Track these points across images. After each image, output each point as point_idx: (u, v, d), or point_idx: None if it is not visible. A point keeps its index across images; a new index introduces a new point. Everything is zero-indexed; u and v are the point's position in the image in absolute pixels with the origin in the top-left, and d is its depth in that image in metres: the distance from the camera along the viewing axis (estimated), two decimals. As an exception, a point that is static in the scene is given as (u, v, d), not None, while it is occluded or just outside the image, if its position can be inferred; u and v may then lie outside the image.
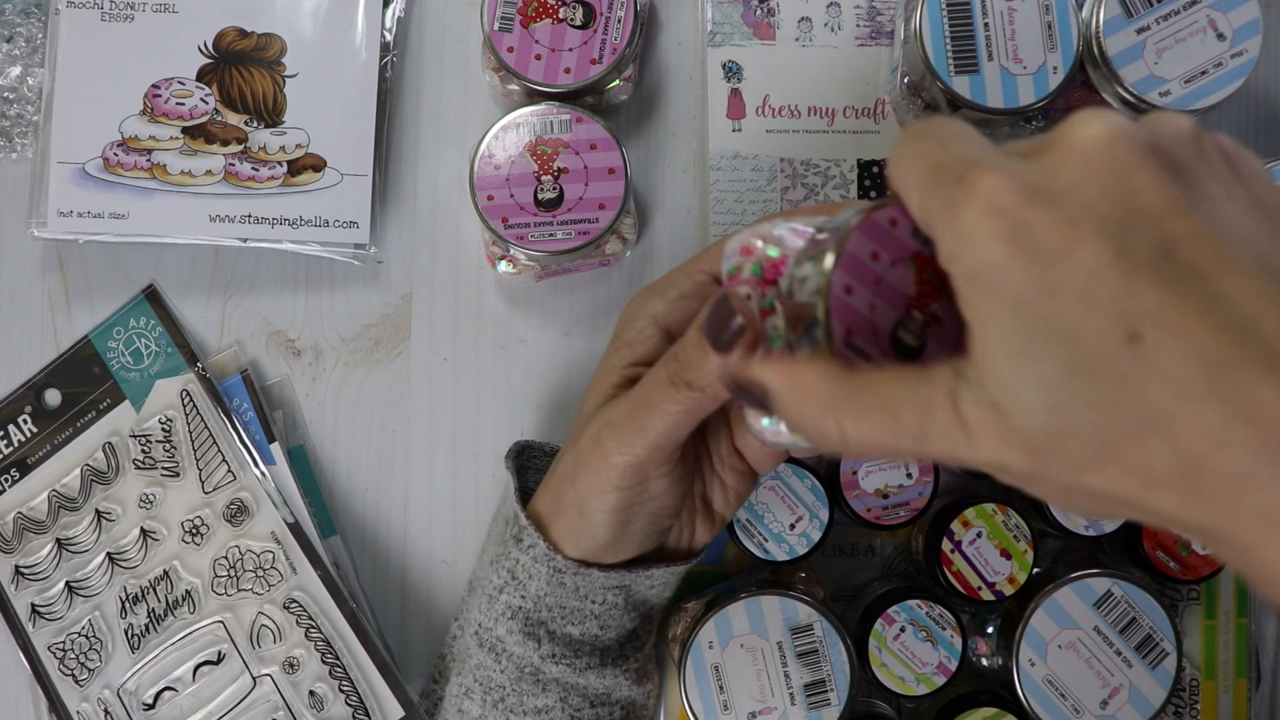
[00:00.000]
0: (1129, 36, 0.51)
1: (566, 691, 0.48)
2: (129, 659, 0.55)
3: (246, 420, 0.56)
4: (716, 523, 0.48)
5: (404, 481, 0.58)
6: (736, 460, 0.47)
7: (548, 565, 0.46)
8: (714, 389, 0.39)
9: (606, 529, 0.44)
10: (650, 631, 0.51)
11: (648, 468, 0.42)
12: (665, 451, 0.42)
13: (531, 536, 0.46)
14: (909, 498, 0.52)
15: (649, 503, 0.44)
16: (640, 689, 0.50)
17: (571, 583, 0.46)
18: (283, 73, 0.57)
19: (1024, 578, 0.52)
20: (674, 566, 0.48)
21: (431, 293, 0.58)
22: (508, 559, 0.48)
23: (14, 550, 0.55)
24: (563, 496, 0.45)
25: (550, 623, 0.47)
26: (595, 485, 0.43)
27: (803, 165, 0.58)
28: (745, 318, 0.37)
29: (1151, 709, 0.51)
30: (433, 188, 0.59)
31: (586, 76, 0.53)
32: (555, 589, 0.46)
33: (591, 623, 0.47)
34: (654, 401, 0.41)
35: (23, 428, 0.56)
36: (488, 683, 0.49)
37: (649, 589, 0.48)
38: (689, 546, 0.49)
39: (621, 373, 0.45)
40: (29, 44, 0.58)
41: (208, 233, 0.56)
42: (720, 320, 0.37)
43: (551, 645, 0.47)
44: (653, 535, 0.46)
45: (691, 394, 0.40)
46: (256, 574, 0.55)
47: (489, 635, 0.49)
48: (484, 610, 0.49)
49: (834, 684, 0.50)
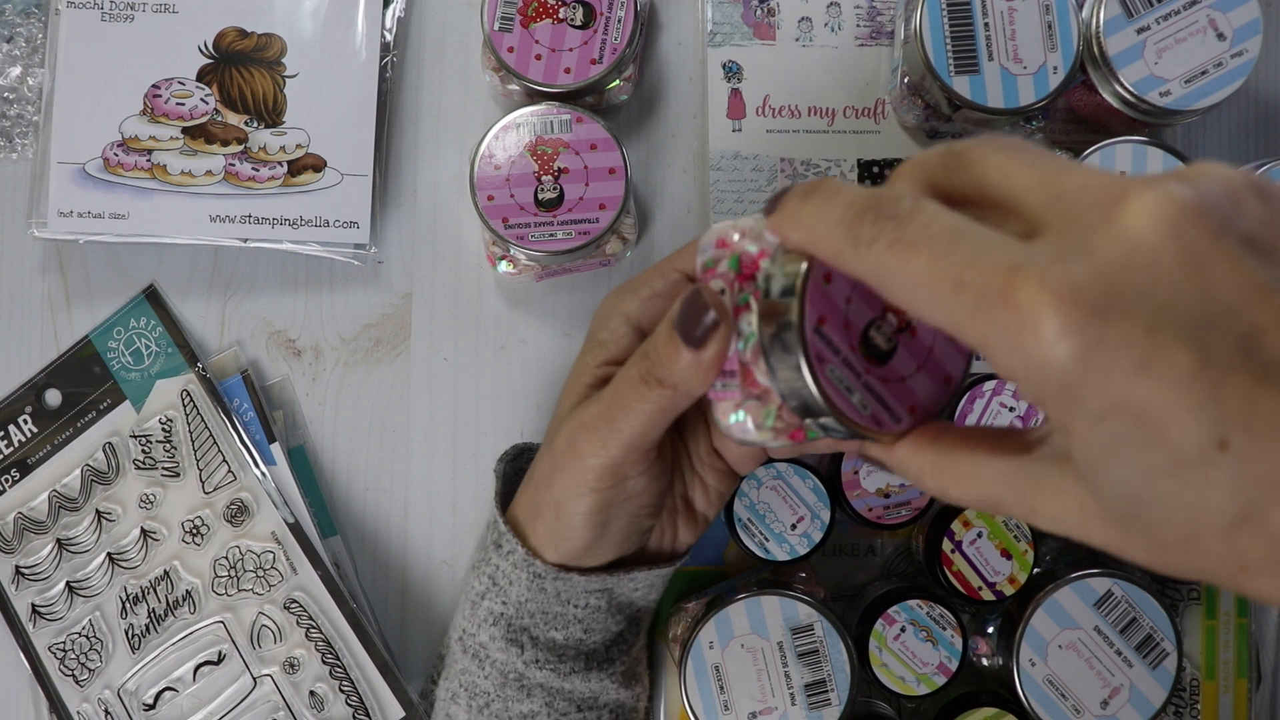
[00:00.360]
0: (1129, 36, 0.51)
1: (552, 696, 0.48)
2: (129, 659, 0.54)
3: (246, 420, 0.56)
4: (699, 523, 0.48)
5: (404, 481, 0.58)
6: (715, 460, 0.46)
7: (527, 571, 0.46)
8: (686, 386, 0.38)
9: (585, 531, 0.44)
10: (638, 634, 0.51)
11: (624, 468, 0.42)
12: (641, 451, 0.41)
13: (510, 542, 0.46)
14: (910, 497, 0.52)
15: (627, 503, 0.44)
16: (629, 691, 0.50)
17: (552, 588, 0.46)
18: (283, 73, 0.57)
19: (1024, 578, 0.52)
20: (657, 569, 0.47)
21: (431, 293, 0.58)
22: (488, 564, 0.48)
23: (14, 550, 0.55)
24: (540, 500, 0.45)
25: (533, 628, 0.47)
26: (572, 488, 0.43)
27: (803, 165, 0.58)
28: (718, 311, 0.36)
29: (1152, 709, 0.51)
30: (433, 188, 0.59)
31: (586, 76, 0.53)
32: (536, 594, 0.46)
33: (575, 627, 0.47)
34: (627, 401, 0.40)
35: (23, 428, 0.56)
36: (473, 688, 0.49)
37: (633, 591, 0.48)
38: (672, 548, 0.48)
39: (595, 372, 0.44)
40: (29, 44, 0.58)
41: (208, 233, 0.56)
42: (693, 315, 0.37)
43: (535, 651, 0.47)
44: (633, 537, 0.46)
45: (664, 391, 0.39)
46: (257, 574, 0.55)
47: (472, 641, 0.49)
48: (467, 616, 0.49)
49: (834, 684, 0.50)
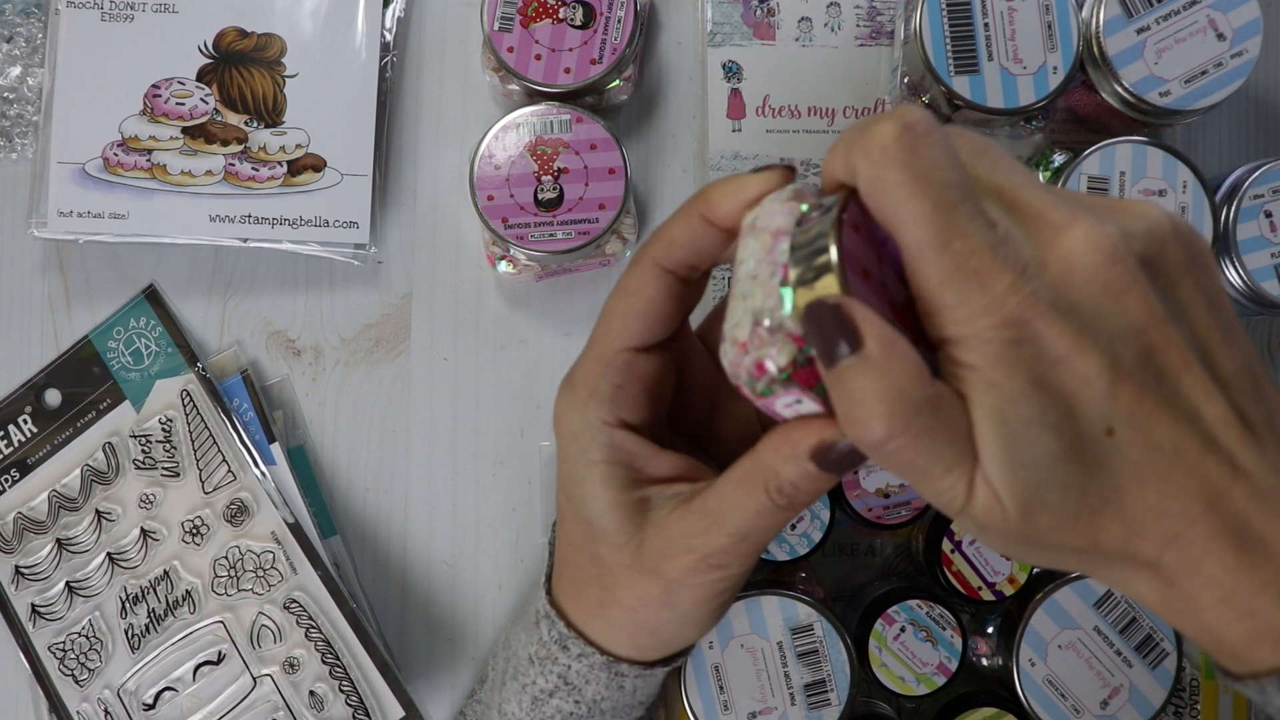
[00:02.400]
0: (1129, 36, 0.51)
1: None
2: (129, 659, 0.55)
3: (246, 420, 0.56)
4: None
5: (404, 481, 0.58)
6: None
7: (608, 671, 0.43)
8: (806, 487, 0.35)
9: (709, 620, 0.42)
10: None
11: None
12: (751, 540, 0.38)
13: (580, 645, 0.43)
14: (910, 497, 0.52)
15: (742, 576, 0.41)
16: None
17: (631, 685, 0.44)
18: (283, 73, 0.57)
19: (1024, 578, 0.52)
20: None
21: (431, 293, 0.58)
22: (554, 663, 0.44)
23: (14, 550, 0.55)
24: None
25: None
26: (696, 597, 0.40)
27: (803, 165, 0.58)
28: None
29: (1151, 709, 0.51)
30: (433, 188, 0.59)
31: (586, 76, 0.53)
32: (614, 693, 0.44)
33: (638, 710, 0.46)
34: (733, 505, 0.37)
35: (23, 428, 0.56)
36: None
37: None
38: None
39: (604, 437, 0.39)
40: (29, 44, 0.58)
41: (208, 233, 0.56)
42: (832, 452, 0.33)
43: None
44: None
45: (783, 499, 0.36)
46: (256, 574, 0.55)
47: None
48: (526, 709, 0.46)
49: (834, 684, 0.50)
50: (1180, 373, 0.29)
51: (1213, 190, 0.53)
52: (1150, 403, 0.29)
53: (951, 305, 0.29)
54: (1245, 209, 0.53)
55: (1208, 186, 0.52)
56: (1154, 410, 0.29)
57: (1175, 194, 0.52)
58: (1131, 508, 0.29)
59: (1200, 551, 0.29)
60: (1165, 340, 0.29)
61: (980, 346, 0.29)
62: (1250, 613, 0.30)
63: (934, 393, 0.29)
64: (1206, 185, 0.52)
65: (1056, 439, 0.29)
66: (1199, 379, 0.29)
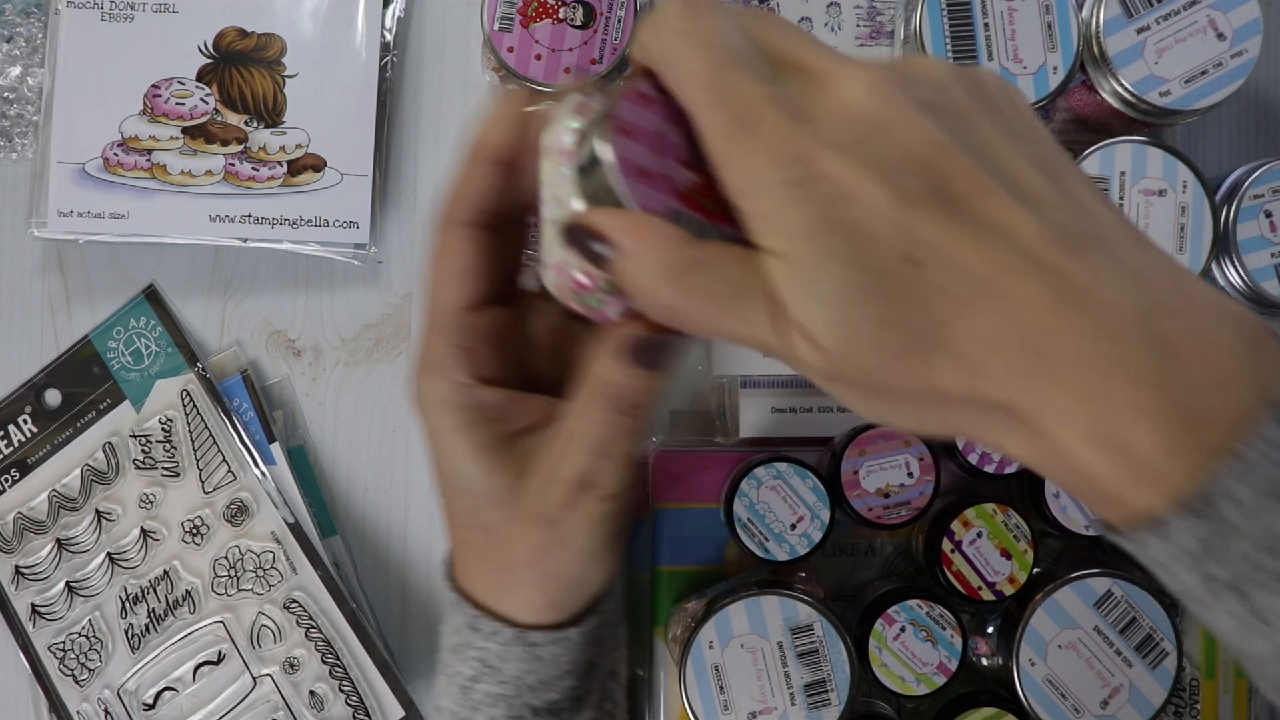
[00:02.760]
0: (1129, 36, 0.51)
1: None
2: (129, 659, 0.55)
3: (246, 420, 0.56)
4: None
5: (404, 481, 0.58)
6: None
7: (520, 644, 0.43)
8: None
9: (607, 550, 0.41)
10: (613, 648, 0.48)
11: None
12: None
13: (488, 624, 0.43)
14: (910, 497, 0.52)
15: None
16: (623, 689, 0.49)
17: (549, 654, 0.43)
18: (283, 73, 0.57)
19: (1024, 578, 0.52)
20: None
21: (431, 293, 0.58)
22: (469, 648, 0.44)
23: (14, 550, 0.55)
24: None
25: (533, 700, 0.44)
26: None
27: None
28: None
29: (1151, 709, 0.51)
30: (433, 188, 0.59)
31: (587, 77, 0.53)
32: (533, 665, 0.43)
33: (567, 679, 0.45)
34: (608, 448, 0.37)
35: (23, 428, 0.56)
36: None
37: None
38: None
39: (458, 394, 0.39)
40: (29, 44, 0.58)
41: (208, 233, 0.56)
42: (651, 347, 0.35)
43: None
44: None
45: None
46: (256, 574, 0.55)
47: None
48: (459, 700, 0.46)
49: (834, 684, 0.50)
50: (977, 197, 0.29)
51: (1213, 190, 0.53)
52: (951, 229, 0.28)
53: (734, 158, 0.30)
54: (1245, 209, 0.52)
55: (1208, 186, 0.52)
56: (957, 236, 0.28)
57: (1175, 194, 0.52)
58: (961, 342, 0.28)
59: (1047, 384, 0.27)
60: (953, 167, 0.29)
61: (765, 192, 0.29)
62: (1118, 445, 0.27)
63: (699, 254, 0.30)
64: (1206, 185, 0.52)
65: (854, 272, 0.28)
66: (1002, 201, 0.29)
